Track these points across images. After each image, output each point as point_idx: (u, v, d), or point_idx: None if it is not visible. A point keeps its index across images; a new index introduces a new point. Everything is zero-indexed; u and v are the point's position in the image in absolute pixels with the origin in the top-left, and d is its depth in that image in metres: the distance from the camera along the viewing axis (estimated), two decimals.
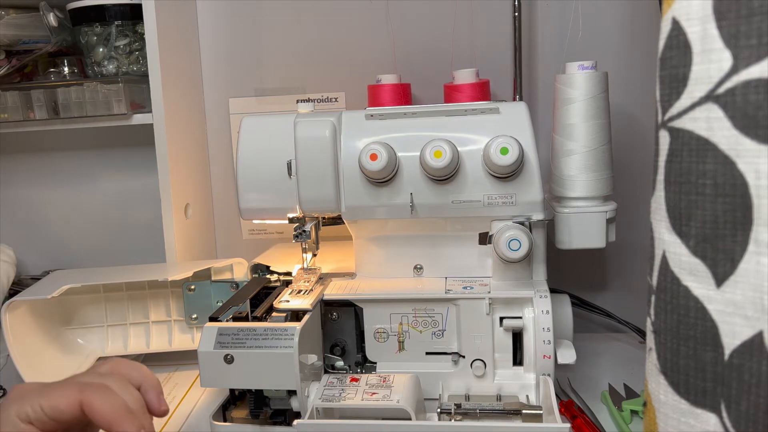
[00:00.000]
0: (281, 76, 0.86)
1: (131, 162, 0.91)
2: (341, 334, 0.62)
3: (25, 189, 0.94)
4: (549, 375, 0.57)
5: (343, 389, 0.55)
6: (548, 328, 0.57)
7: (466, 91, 0.72)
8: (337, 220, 0.64)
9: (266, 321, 0.59)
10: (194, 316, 0.73)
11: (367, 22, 0.83)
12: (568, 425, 0.49)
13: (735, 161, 0.32)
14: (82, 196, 0.94)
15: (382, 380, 0.56)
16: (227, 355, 0.55)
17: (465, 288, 0.60)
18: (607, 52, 0.78)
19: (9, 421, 0.40)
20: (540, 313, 0.57)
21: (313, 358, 0.57)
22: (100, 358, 0.75)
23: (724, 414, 0.34)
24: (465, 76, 0.72)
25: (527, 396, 0.58)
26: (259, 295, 0.64)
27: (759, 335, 0.32)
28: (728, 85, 0.32)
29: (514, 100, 0.76)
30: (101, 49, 0.77)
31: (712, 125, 0.33)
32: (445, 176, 0.58)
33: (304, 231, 0.62)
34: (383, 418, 0.53)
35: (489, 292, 0.59)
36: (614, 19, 0.79)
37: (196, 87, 0.87)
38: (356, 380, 0.56)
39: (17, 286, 0.85)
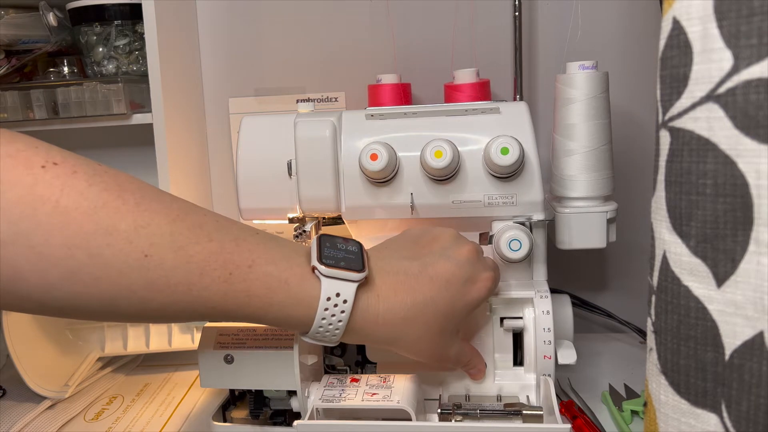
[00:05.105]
0: (281, 76, 0.86)
1: (131, 162, 0.90)
2: None
3: None
4: (549, 375, 0.57)
5: (343, 389, 0.55)
6: (549, 329, 0.57)
7: (467, 90, 0.72)
8: (337, 220, 0.64)
9: None
10: None
11: (367, 22, 0.83)
12: (569, 425, 0.49)
13: (735, 161, 0.32)
14: None
15: (383, 380, 0.55)
16: (227, 355, 0.55)
17: None
18: (607, 52, 0.78)
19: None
20: (540, 314, 0.57)
21: (313, 359, 0.57)
22: (99, 358, 0.75)
23: (725, 414, 0.34)
24: (465, 76, 0.72)
25: (528, 396, 0.58)
26: None
27: (760, 335, 0.32)
28: (729, 84, 0.32)
29: (515, 100, 0.76)
30: (101, 49, 0.77)
31: (713, 125, 0.33)
32: (446, 176, 0.58)
33: (304, 231, 0.62)
34: (383, 419, 0.53)
35: None
36: (614, 19, 0.79)
37: (196, 87, 0.87)
38: (356, 380, 0.56)
39: None
